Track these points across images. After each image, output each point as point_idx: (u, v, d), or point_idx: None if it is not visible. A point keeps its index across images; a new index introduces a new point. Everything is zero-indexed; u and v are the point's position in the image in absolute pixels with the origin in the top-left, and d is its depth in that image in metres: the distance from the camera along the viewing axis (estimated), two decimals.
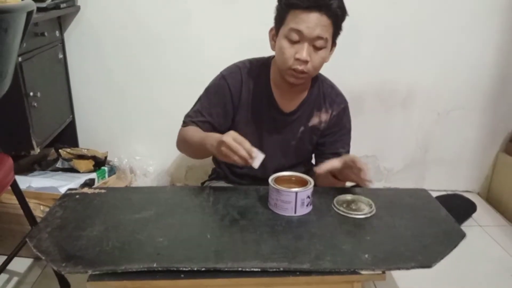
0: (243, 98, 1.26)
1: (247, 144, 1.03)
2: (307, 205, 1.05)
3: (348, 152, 1.35)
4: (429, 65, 2.01)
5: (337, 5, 1.11)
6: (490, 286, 1.51)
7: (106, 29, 1.87)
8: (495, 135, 2.15)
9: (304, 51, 1.12)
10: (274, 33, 1.20)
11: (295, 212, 1.04)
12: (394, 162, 2.18)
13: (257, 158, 1.04)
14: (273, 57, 1.26)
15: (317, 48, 1.14)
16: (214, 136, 1.10)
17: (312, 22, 1.10)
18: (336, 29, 1.16)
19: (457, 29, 1.95)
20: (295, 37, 1.12)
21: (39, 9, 1.48)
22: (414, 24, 1.93)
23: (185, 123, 1.26)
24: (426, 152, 2.16)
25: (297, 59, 1.13)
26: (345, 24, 1.18)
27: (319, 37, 1.12)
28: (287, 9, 1.12)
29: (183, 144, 1.25)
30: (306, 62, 1.13)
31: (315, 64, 1.16)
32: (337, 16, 1.13)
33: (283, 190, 1.03)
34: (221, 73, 1.28)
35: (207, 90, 1.29)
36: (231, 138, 1.03)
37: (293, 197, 1.02)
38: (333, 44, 1.19)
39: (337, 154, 1.32)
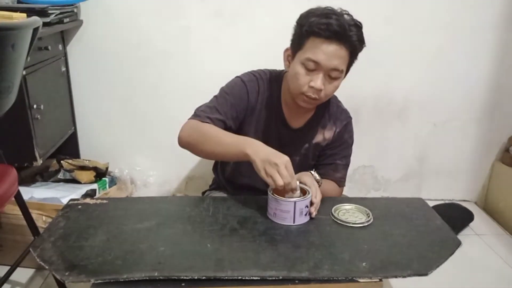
0: (257, 108, 1.26)
1: (294, 181, 1.03)
2: (305, 215, 1.07)
3: (346, 164, 1.36)
4: (425, 77, 2.04)
5: (356, 38, 1.11)
6: None
7: (108, 42, 1.91)
8: (490, 145, 2.18)
9: (319, 80, 1.12)
10: (290, 54, 1.20)
11: (293, 222, 1.05)
12: (392, 172, 2.20)
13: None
14: (285, 72, 1.26)
15: (332, 78, 1.14)
16: (261, 147, 1.05)
17: (331, 53, 1.10)
18: (352, 59, 1.16)
19: (452, 41, 1.98)
20: (311, 66, 1.12)
21: (43, 24, 1.50)
22: (410, 37, 1.97)
23: (198, 117, 1.19)
24: (423, 162, 2.18)
25: (311, 87, 1.13)
26: None
27: (335, 69, 1.12)
28: (308, 35, 1.11)
29: (199, 137, 1.15)
30: (320, 90, 1.14)
31: (328, 92, 1.16)
32: (355, 48, 1.13)
33: (282, 200, 1.04)
34: (239, 77, 1.27)
35: (225, 90, 1.25)
36: (284, 166, 1.01)
37: (292, 207, 1.04)
38: (347, 71, 1.19)
39: (334, 165, 1.34)
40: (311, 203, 1.08)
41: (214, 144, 1.13)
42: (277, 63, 1.28)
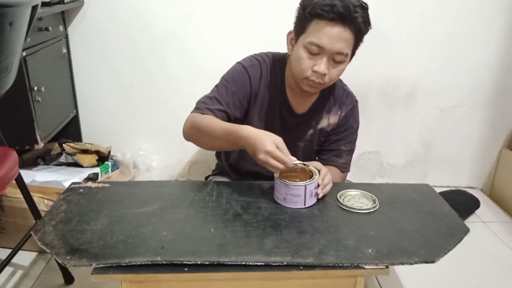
0: (260, 93, 1.23)
1: (289, 160, 1.00)
2: (314, 196, 1.07)
3: (351, 150, 1.34)
4: (432, 62, 2.00)
5: (362, 19, 1.06)
6: (492, 282, 1.51)
7: (110, 24, 1.87)
8: (498, 131, 2.14)
9: (323, 64, 1.08)
10: (293, 37, 1.16)
11: (304, 204, 1.05)
12: (397, 158, 2.18)
13: None
14: (289, 55, 1.22)
15: (336, 62, 1.10)
16: (251, 136, 1.02)
17: (335, 36, 1.06)
18: (358, 42, 1.12)
19: (460, 26, 1.94)
20: (315, 50, 1.08)
21: (43, 4, 1.48)
22: (418, 21, 1.92)
23: (199, 109, 1.18)
24: (429, 148, 2.16)
25: (315, 72, 1.10)
26: None
27: (339, 53, 1.08)
28: (311, 18, 1.07)
29: (197, 130, 1.15)
30: (324, 75, 1.10)
31: (332, 76, 1.13)
32: (360, 31, 1.09)
33: (292, 184, 1.03)
34: (240, 63, 1.23)
35: (226, 78, 1.22)
36: (275, 152, 0.98)
37: (302, 190, 1.03)
38: (353, 54, 1.15)
39: (337, 151, 1.31)
40: (318, 185, 1.07)
41: (211, 137, 1.13)
42: (283, 47, 1.24)
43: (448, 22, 1.93)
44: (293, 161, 1.03)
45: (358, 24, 1.06)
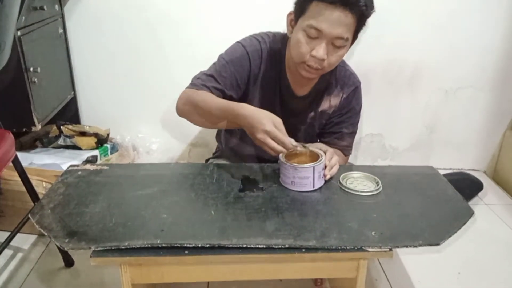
0: (260, 75, 1.20)
1: (287, 143, 0.98)
2: (322, 177, 1.05)
3: (353, 132, 1.31)
4: (437, 43, 1.95)
5: (364, 2, 1.02)
6: (495, 265, 1.51)
7: (108, 3, 1.82)
8: (502, 113, 2.11)
9: (321, 49, 1.05)
10: (293, 19, 1.12)
11: (313, 186, 1.04)
12: (400, 141, 2.15)
13: None
14: (289, 37, 1.17)
15: (336, 47, 1.07)
16: (248, 115, 1.00)
17: (334, 20, 1.02)
18: (360, 26, 1.08)
19: (466, 7, 1.88)
20: (313, 33, 1.04)
21: None
22: (422, 2, 1.87)
23: (195, 85, 1.15)
24: (432, 130, 2.13)
25: (313, 56, 1.06)
26: None
27: (339, 37, 1.04)
28: (310, 0, 1.04)
29: (192, 106, 1.12)
30: (322, 60, 1.07)
31: (332, 62, 1.09)
32: (362, 15, 1.04)
33: (300, 167, 1.01)
34: (240, 43, 1.19)
35: (224, 57, 1.18)
36: (274, 132, 0.96)
37: (311, 172, 1.02)
38: (355, 38, 1.11)
39: (339, 134, 1.29)
40: (325, 166, 1.06)
41: (206, 114, 1.10)
42: (283, 29, 1.20)
43: (453, 3, 1.87)
44: (292, 142, 1.00)
45: (360, 7, 1.02)
